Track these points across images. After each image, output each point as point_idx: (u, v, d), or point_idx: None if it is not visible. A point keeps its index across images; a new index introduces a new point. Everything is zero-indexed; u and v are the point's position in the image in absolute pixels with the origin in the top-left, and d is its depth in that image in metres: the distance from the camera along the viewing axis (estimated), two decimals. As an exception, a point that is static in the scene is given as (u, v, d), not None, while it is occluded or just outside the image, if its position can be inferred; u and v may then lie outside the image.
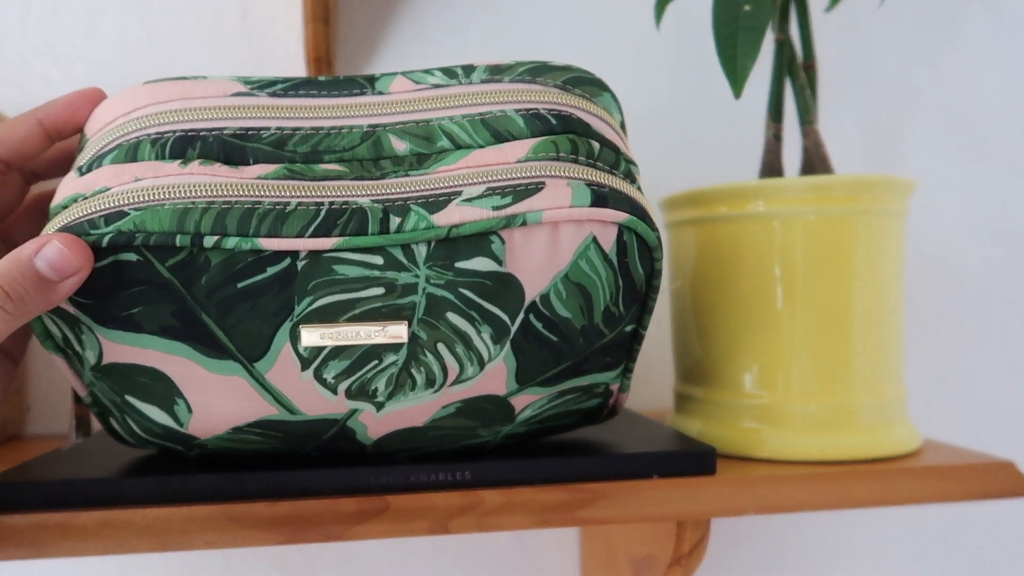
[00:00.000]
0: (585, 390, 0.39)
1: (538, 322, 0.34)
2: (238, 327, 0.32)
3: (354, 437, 0.38)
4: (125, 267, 0.31)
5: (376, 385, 0.34)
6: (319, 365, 0.33)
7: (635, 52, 0.67)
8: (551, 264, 0.32)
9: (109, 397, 0.36)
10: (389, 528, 0.38)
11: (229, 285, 0.31)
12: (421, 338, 0.33)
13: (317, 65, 0.59)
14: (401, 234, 0.31)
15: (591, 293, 0.33)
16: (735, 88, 0.41)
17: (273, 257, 0.31)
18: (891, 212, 0.46)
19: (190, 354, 0.33)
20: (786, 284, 0.44)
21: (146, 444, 0.39)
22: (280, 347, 0.32)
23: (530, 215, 0.31)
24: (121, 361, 0.33)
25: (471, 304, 0.32)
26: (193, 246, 0.30)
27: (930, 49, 0.72)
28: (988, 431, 0.73)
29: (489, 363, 0.34)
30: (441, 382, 0.35)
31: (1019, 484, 0.42)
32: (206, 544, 0.37)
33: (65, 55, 0.61)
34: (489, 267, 0.32)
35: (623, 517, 0.39)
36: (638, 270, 0.34)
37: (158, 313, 0.32)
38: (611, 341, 0.36)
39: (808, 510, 0.40)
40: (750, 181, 0.45)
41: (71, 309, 0.32)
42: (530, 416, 0.39)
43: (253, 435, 0.37)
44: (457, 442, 0.40)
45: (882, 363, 0.45)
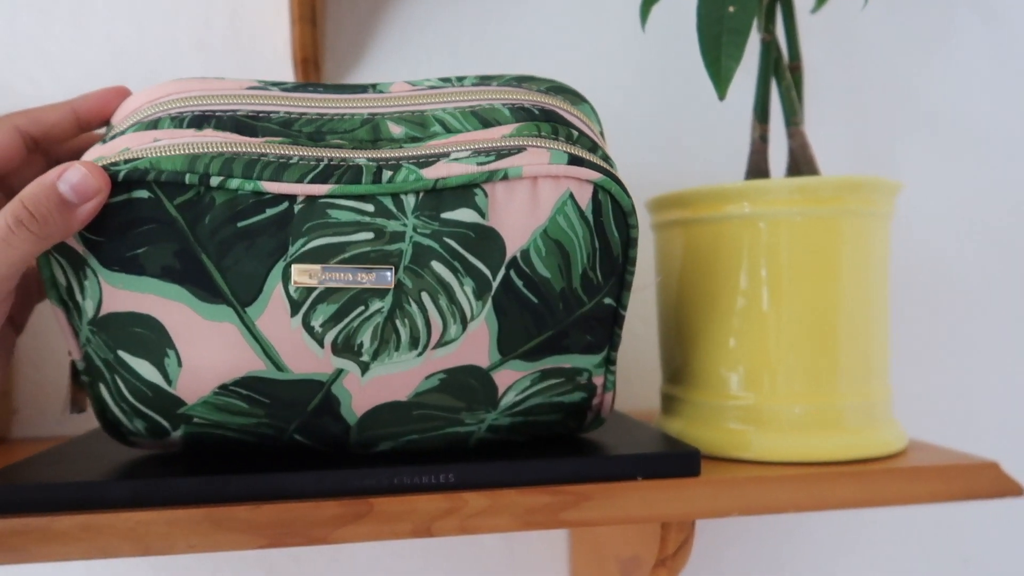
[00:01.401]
0: (568, 376, 0.39)
1: (519, 279, 0.36)
2: (234, 268, 0.34)
3: (338, 412, 0.38)
4: (136, 204, 0.33)
5: (361, 338, 0.35)
6: (308, 310, 0.34)
7: (621, 53, 0.67)
8: (531, 219, 0.35)
9: (103, 355, 0.36)
10: (372, 531, 0.38)
11: (230, 224, 0.34)
12: (406, 285, 0.35)
13: (304, 67, 0.59)
14: (392, 184, 0.34)
15: (569, 252, 0.36)
16: (719, 90, 0.41)
17: (273, 200, 0.34)
18: (877, 213, 0.46)
19: (186, 298, 0.34)
20: (772, 285, 0.44)
21: (134, 419, 0.39)
22: (272, 289, 0.34)
23: (511, 170, 0.35)
24: (118, 310, 0.35)
25: (455, 254, 0.35)
26: (201, 185, 0.33)
27: (918, 50, 0.72)
28: (974, 431, 0.73)
29: (472, 322, 0.36)
30: (425, 342, 0.36)
31: (1003, 485, 0.42)
32: (189, 548, 0.37)
33: (53, 56, 0.61)
34: (473, 218, 0.35)
35: (607, 519, 0.39)
36: (613, 233, 0.36)
37: (161, 254, 0.34)
38: (590, 312, 0.37)
39: (792, 511, 0.40)
40: (736, 182, 0.45)
41: (80, 248, 0.34)
42: (513, 402, 0.39)
43: (239, 401, 0.37)
44: (441, 429, 0.40)
45: (868, 364, 0.45)
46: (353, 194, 0.34)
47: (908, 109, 0.72)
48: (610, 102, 0.67)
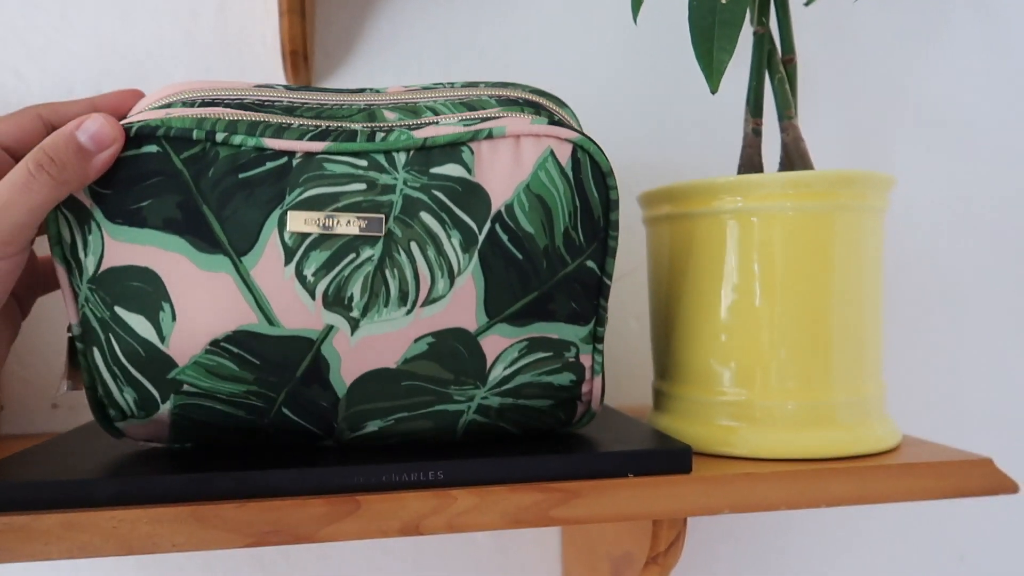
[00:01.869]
0: (556, 351, 0.40)
1: (504, 233, 0.37)
2: (233, 217, 0.36)
3: (327, 378, 0.38)
4: (145, 159, 0.36)
5: (352, 290, 0.37)
6: (301, 258, 0.36)
7: (614, 47, 0.67)
8: (514, 174, 0.38)
9: (99, 314, 0.37)
10: (360, 529, 0.37)
11: (231, 176, 0.36)
12: (396, 235, 0.37)
13: (293, 59, 0.58)
14: (385, 143, 0.37)
15: (551, 207, 0.38)
16: (711, 83, 0.41)
17: (273, 155, 0.37)
18: (870, 207, 0.45)
19: (185, 249, 0.36)
20: (764, 280, 0.44)
21: (124, 389, 0.38)
22: (268, 236, 0.36)
23: (495, 129, 0.38)
24: (118, 264, 0.36)
25: (443, 206, 0.37)
26: (207, 141, 0.36)
27: (912, 44, 0.71)
28: (969, 428, 0.73)
29: (459, 277, 0.37)
30: (414, 298, 0.37)
31: (997, 481, 0.42)
32: (173, 547, 0.36)
33: (38, 48, 0.60)
34: (459, 173, 0.37)
35: (598, 516, 0.39)
36: (593, 192, 0.38)
37: (164, 206, 0.36)
38: (574, 274, 0.39)
39: (785, 508, 0.40)
40: (728, 177, 0.44)
41: (87, 202, 0.36)
42: (502, 377, 0.39)
43: (229, 362, 0.37)
44: (430, 407, 0.40)
45: (861, 360, 0.45)
46: (348, 151, 0.37)
47: (902, 103, 0.71)
48: (602, 95, 0.67)
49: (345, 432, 0.41)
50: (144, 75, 0.61)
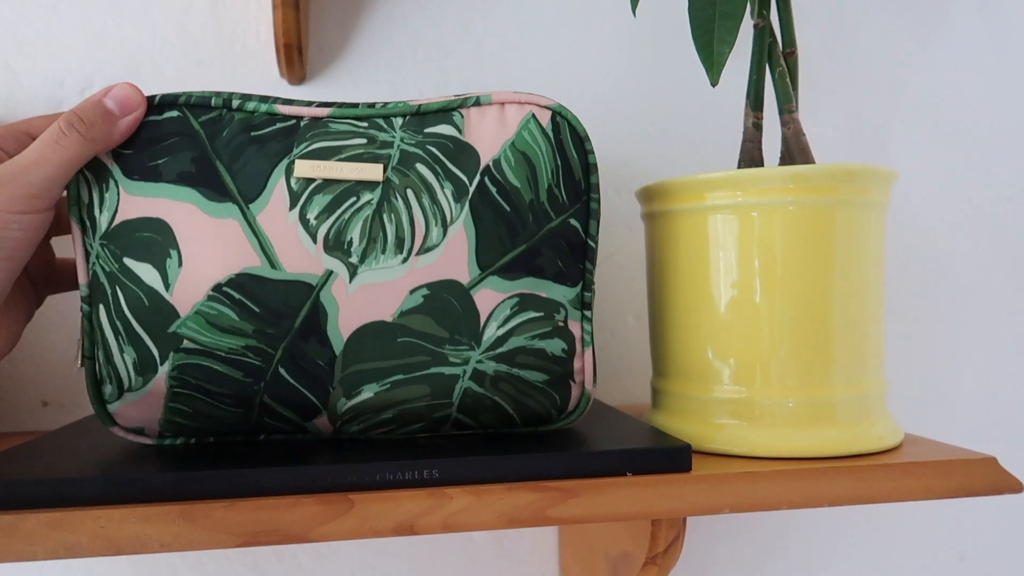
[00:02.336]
0: (546, 311, 0.41)
1: (492, 186, 0.41)
2: (244, 169, 0.39)
3: (324, 331, 0.39)
4: (165, 122, 0.40)
5: (351, 234, 0.39)
6: (305, 202, 0.39)
7: (612, 39, 0.66)
8: (500, 134, 0.41)
9: (108, 269, 0.39)
10: (353, 528, 0.37)
11: (244, 134, 0.40)
12: (393, 182, 0.40)
13: (287, 52, 0.57)
14: (384, 109, 0.42)
15: (535, 163, 0.41)
16: (712, 75, 0.40)
17: (283, 118, 0.41)
18: (872, 202, 0.45)
19: (195, 199, 0.39)
20: (764, 276, 0.43)
21: (125, 349, 0.39)
22: (275, 183, 0.39)
23: (482, 96, 0.42)
24: (131, 217, 0.39)
25: (436, 160, 0.41)
26: (224, 107, 0.40)
27: (915, 38, 0.71)
28: (971, 426, 0.72)
29: (451, 226, 0.40)
30: (409, 246, 0.40)
31: (1002, 480, 0.41)
32: (161, 547, 0.35)
33: (29, 41, 0.59)
34: (451, 132, 0.41)
35: (595, 516, 0.38)
36: (573, 154, 0.42)
37: (180, 162, 0.39)
38: (559, 230, 0.42)
39: (786, 508, 0.39)
40: (728, 171, 0.44)
41: (108, 162, 0.39)
42: (496, 337, 0.41)
43: (229, 310, 0.38)
44: (426, 368, 0.40)
45: (862, 357, 0.44)
46: (350, 115, 0.41)
47: (903, 98, 0.71)
48: (602, 90, 0.66)
49: (340, 401, 0.40)
50: (135, 68, 0.60)
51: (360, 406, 0.40)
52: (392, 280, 0.40)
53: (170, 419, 0.41)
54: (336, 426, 0.42)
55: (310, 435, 0.43)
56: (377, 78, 0.63)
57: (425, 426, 0.42)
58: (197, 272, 0.39)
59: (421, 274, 0.40)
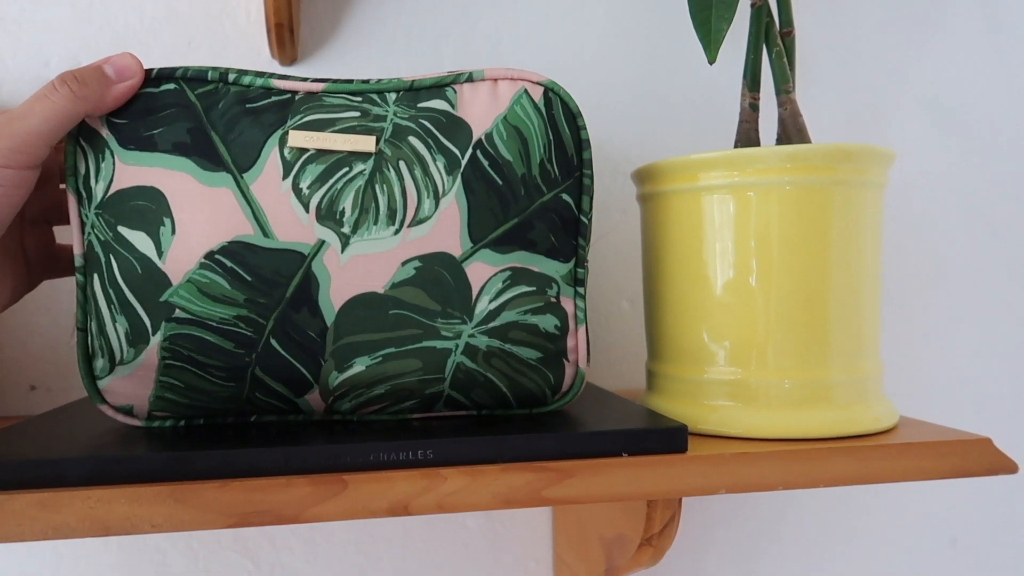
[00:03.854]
0: (538, 286, 0.41)
1: (484, 159, 0.41)
2: (238, 139, 0.40)
3: (316, 302, 0.39)
4: (162, 95, 0.40)
5: (343, 204, 0.39)
6: (298, 171, 0.39)
7: (609, 20, 0.66)
8: (493, 109, 0.41)
9: (103, 237, 0.39)
10: (347, 509, 0.36)
11: (239, 106, 0.40)
12: (386, 153, 0.40)
13: (278, 32, 0.57)
14: (378, 84, 0.42)
15: (527, 138, 0.41)
16: (709, 53, 0.40)
17: (278, 91, 0.41)
18: (869, 183, 0.44)
19: (190, 168, 0.39)
20: (760, 257, 0.43)
21: (118, 319, 0.39)
22: (269, 153, 0.39)
23: (475, 72, 0.42)
24: (126, 186, 0.39)
25: (429, 133, 0.41)
26: (220, 81, 0.41)
27: (915, 22, 0.70)
28: (969, 409, 0.72)
29: (444, 198, 0.40)
30: (401, 217, 0.40)
31: (997, 461, 0.41)
32: (152, 528, 0.35)
33: (13, 20, 0.58)
34: (444, 107, 0.41)
35: (591, 496, 0.38)
36: (565, 129, 0.42)
37: (175, 132, 0.39)
38: (551, 204, 0.41)
39: (782, 488, 0.39)
40: (723, 151, 0.43)
41: (104, 132, 0.39)
42: (488, 311, 0.40)
43: (221, 279, 0.38)
44: (418, 342, 0.40)
45: (858, 338, 0.44)
46: (344, 90, 0.42)
47: (901, 81, 0.70)
48: (599, 70, 0.65)
49: (332, 375, 0.40)
50: (122, 48, 0.59)
51: (352, 380, 0.40)
52: (384, 251, 0.40)
53: (160, 395, 0.40)
54: (328, 402, 0.41)
55: (302, 415, 0.42)
56: (369, 59, 0.62)
57: (418, 403, 0.42)
58: (190, 240, 0.39)
59: (413, 246, 0.40)
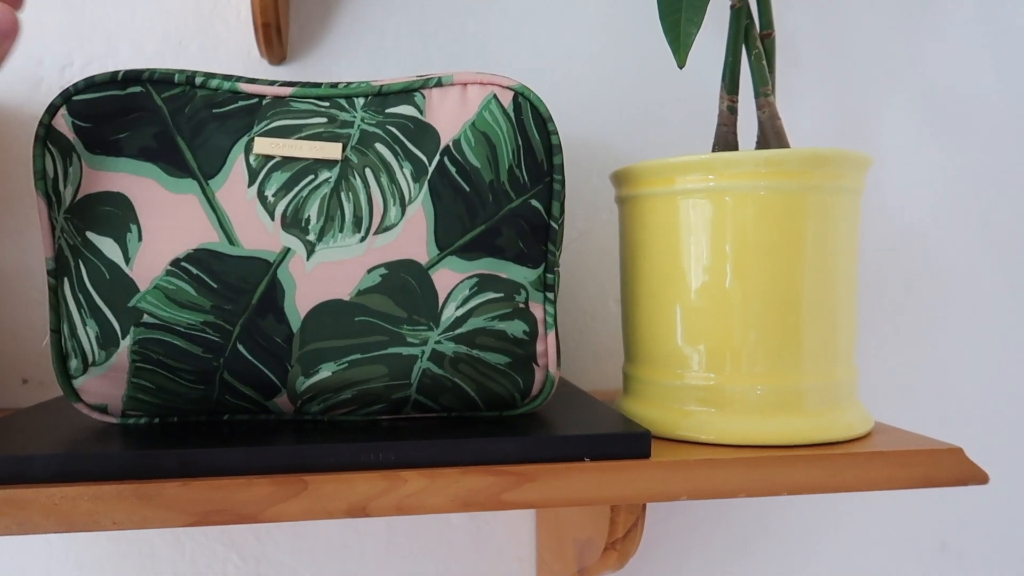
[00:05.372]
0: (506, 292, 0.41)
1: (452, 166, 0.40)
2: (204, 145, 0.40)
3: (282, 308, 0.39)
4: (128, 97, 0.40)
5: (309, 212, 0.40)
6: (263, 179, 0.40)
7: (594, 22, 0.65)
8: (461, 114, 0.41)
9: (72, 242, 0.40)
10: (306, 509, 0.37)
11: (206, 110, 0.40)
12: (352, 160, 0.40)
13: (266, 32, 0.57)
14: (346, 89, 0.42)
15: (495, 144, 0.41)
16: (678, 57, 0.40)
17: (246, 96, 0.41)
18: (845, 188, 0.44)
19: (156, 174, 0.40)
20: (736, 261, 0.43)
21: (87, 322, 0.39)
22: (235, 159, 0.40)
23: (444, 77, 0.42)
24: (93, 191, 0.39)
25: (396, 140, 0.41)
26: (187, 84, 0.41)
27: (910, 20, 0.69)
28: (953, 415, 0.71)
29: (410, 205, 0.40)
30: (367, 224, 0.40)
31: (967, 471, 0.41)
32: (114, 525, 0.35)
33: (7, 18, 0.59)
34: (412, 113, 0.41)
35: (551, 501, 0.38)
36: (535, 134, 0.41)
37: (141, 136, 0.40)
38: (519, 210, 0.41)
39: (744, 495, 0.39)
40: (698, 155, 0.43)
41: (70, 135, 0.39)
42: (454, 318, 0.40)
43: (188, 286, 0.39)
44: (384, 348, 0.40)
45: (832, 344, 0.44)
46: (312, 95, 0.42)
47: (893, 83, 0.69)
48: (587, 69, 0.65)
49: (299, 379, 0.40)
50: (115, 47, 0.60)
51: (318, 385, 0.40)
52: (350, 259, 0.40)
53: (133, 395, 0.41)
54: (297, 405, 0.41)
55: (273, 415, 0.43)
56: (358, 59, 0.62)
57: (385, 407, 0.42)
58: (156, 247, 0.39)
59: (379, 253, 0.40)
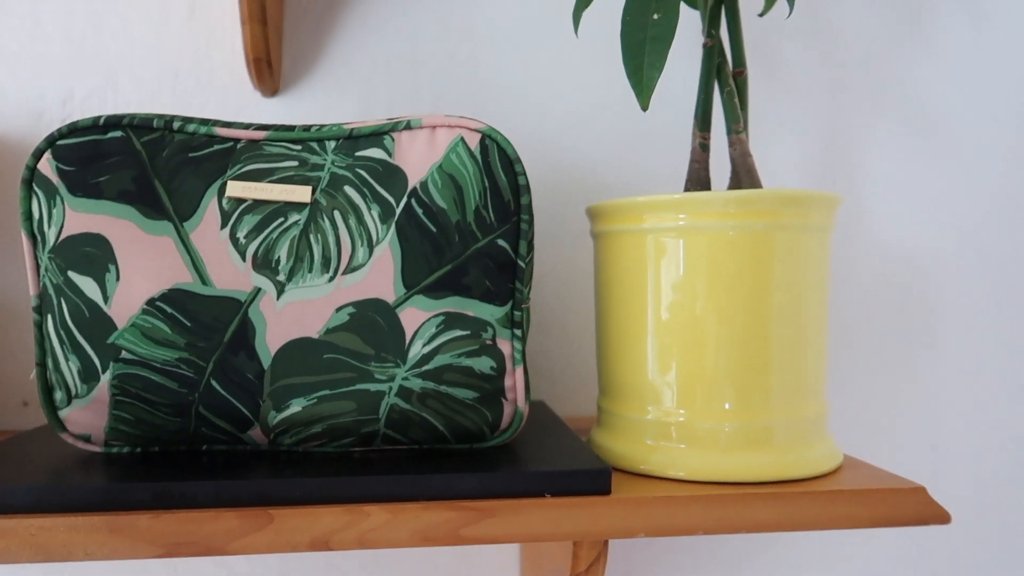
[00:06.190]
0: (472, 330, 0.42)
1: (419, 207, 0.42)
2: (180, 188, 0.41)
3: (253, 346, 0.41)
4: (109, 142, 0.42)
5: (279, 253, 0.41)
6: (235, 221, 0.41)
7: (588, 53, 0.66)
8: (429, 157, 0.42)
9: (55, 280, 0.41)
10: (270, 542, 0.38)
11: (182, 154, 0.42)
12: (321, 203, 0.42)
13: (257, 65, 0.59)
14: (318, 132, 0.43)
15: (462, 186, 0.42)
16: (641, 100, 0.40)
17: (221, 140, 0.43)
18: (814, 227, 0.44)
19: (133, 216, 0.41)
20: (703, 299, 0.43)
21: (70, 357, 0.41)
22: (208, 202, 0.41)
23: (413, 120, 0.43)
24: (75, 232, 0.41)
25: (365, 183, 0.42)
26: (165, 129, 0.42)
27: (896, 43, 0.69)
28: (932, 447, 0.71)
29: (377, 246, 0.41)
30: (336, 265, 0.41)
31: (929, 511, 0.41)
32: (86, 555, 0.37)
33: (12, 52, 0.61)
34: (381, 156, 0.42)
35: (510, 536, 0.38)
36: (501, 175, 0.42)
37: (120, 180, 0.41)
38: (485, 250, 0.42)
39: (703, 533, 0.39)
40: (670, 194, 0.44)
41: (54, 179, 0.41)
42: (421, 355, 0.41)
43: (163, 324, 0.40)
44: (352, 384, 0.41)
45: (801, 381, 0.44)
46: (285, 138, 0.43)
47: (880, 103, 0.69)
48: (577, 99, 0.66)
49: (271, 414, 0.42)
50: (114, 78, 0.62)
51: (290, 419, 0.41)
52: (318, 298, 0.41)
53: (114, 426, 0.42)
54: (270, 437, 0.43)
55: (249, 446, 0.44)
56: (350, 89, 0.64)
57: (356, 440, 0.43)
58: (133, 286, 0.41)
59: (347, 292, 0.41)
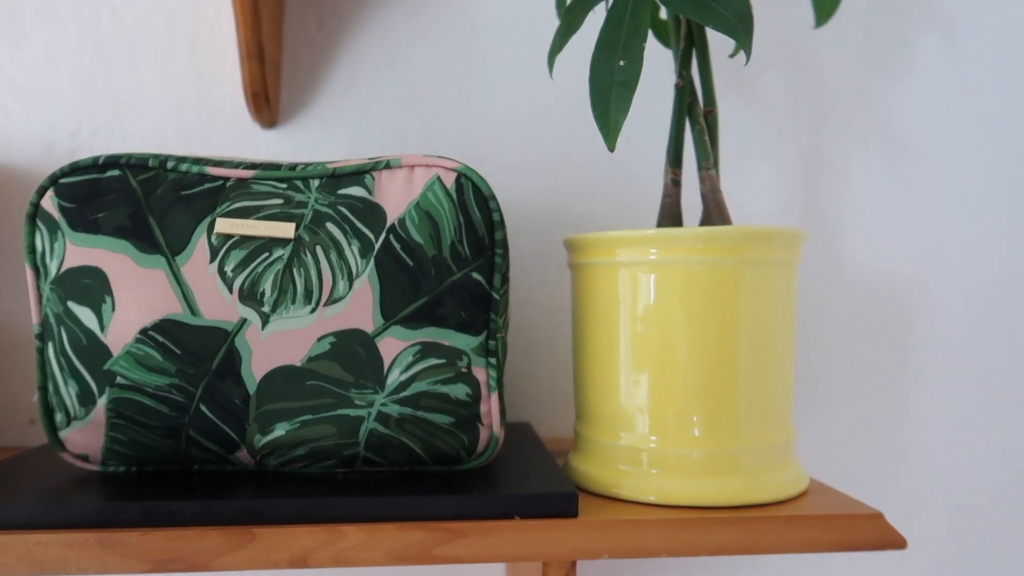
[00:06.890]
0: (448, 358, 0.44)
1: (397, 243, 0.44)
2: (172, 224, 0.44)
3: (239, 372, 0.43)
4: (107, 180, 0.45)
5: (264, 286, 0.43)
6: (223, 255, 0.44)
7: (574, 89, 0.69)
8: (407, 195, 0.45)
9: (55, 310, 0.44)
10: (252, 559, 0.40)
11: (175, 192, 0.45)
12: (304, 239, 0.44)
13: (256, 101, 0.61)
14: (304, 171, 0.46)
15: (438, 222, 0.44)
16: (608, 141, 0.43)
17: (212, 179, 0.45)
18: (779, 261, 0.46)
19: (128, 250, 0.44)
20: (676, 331, 0.45)
21: (68, 382, 0.43)
22: (198, 238, 0.44)
23: (392, 160, 0.46)
24: (74, 265, 0.44)
25: (345, 219, 0.44)
26: (160, 168, 0.45)
27: (874, 72, 0.71)
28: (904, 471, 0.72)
29: (357, 279, 0.44)
30: (317, 297, 0.43)
31: (886, 537, 0.42)
32: (78, 570, 0.39)
33: (24, 88, 0.64)
34: (361, 194, 0.45)
35: (480, 557, 0.40)
36: (476, 212, 0.45)
37: (117, 216, 0.44)
38: (460, 282, 0.44)
39: (666, 556, 0.41)
40: (641, 230, 0.46)
41: (56, 215, 0.44)
42: (399, 382, 0.44)
43: (155, 352, 0.43)
44: (333, 409, 0.43)
45: (766, 408, 0.46)
46: (272, 177, 0.46)
47: (864, 136, 0.71)
48: (566, 131, 0.68)
49: (256, 437, 0.44)
50: (121, 113, 0.65)
51: (274, 442, 0.44)
52: (301, 328, 0.43)
53: (110, 447, 0.45)
54: (256, 459, 0.45)
55: (237, 467, 0.46)
56: (344, 124, 0.66)
57: (337, 462, 0.45)
58: (127, 316, 0.43)
59: (328, 323, 0.43)
